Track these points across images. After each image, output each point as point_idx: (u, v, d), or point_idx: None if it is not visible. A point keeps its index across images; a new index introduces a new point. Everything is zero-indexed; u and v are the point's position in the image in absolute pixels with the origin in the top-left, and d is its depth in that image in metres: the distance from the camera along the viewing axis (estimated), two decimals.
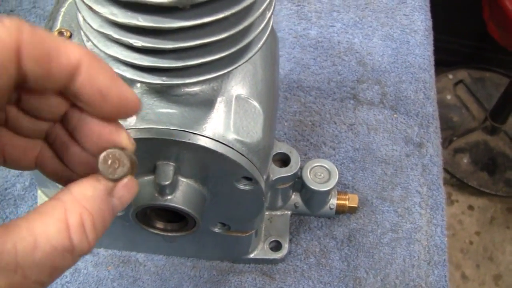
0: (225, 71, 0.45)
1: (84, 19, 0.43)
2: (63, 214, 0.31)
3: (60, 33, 0.53)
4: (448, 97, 2.21)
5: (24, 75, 0.30)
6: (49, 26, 0.57)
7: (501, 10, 1.57)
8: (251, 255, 0.72)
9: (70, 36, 0.53)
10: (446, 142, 2.07)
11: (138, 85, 0.49)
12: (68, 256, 0.30)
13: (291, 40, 0.94)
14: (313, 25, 0.95)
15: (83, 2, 0.41)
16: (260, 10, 0.44)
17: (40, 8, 0.95)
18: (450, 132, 2.11)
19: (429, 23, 0.98)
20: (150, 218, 0.56)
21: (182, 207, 0.51)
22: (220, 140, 0.48)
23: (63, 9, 0.55)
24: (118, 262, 0.72)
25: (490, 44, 1.86)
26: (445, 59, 2.14)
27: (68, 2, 0.56)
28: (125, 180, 0.34)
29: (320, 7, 0.98)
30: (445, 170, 2.03)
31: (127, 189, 0.35)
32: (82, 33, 0.46)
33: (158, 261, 0.73)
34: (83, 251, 0.31)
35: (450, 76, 2.25)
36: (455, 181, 2.06)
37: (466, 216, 2.04)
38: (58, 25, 0.54)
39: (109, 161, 0.34)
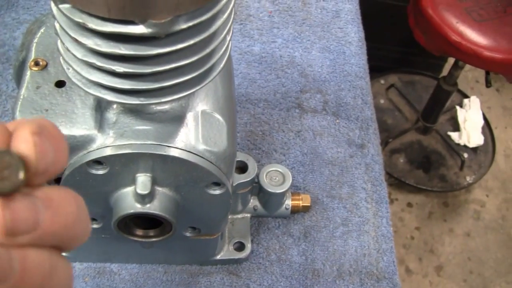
0: (195, 89, 0.51)
1: (67, 49, 0.48)
2: None
3: (36, 62, 0.58)
4: (382, 101, 2.30)
5: None
6: (22, 56, 0.61)
7: (425, 18, 1.67)
8: (218, 257, 0.77)
9: (46, 65, 0.58)
10: (383, 144, 2.14)
11: (115, 106, 0.54)
12: None
13: (237, 57, 1.00)
14: (256, 42, 1.02)
15: (68, 34, 0.46)
16: (222, 35, 0.50)
17: None
18: (385, 134, 2.18)
19: (362, 34, 1.06)
20: (130, 227, 0.61)
21: (160, 213, 0.57)
22: (192, 151, 0.54)
23: (35, 40, 0.60)
24: (94, 273, 0.76)
25: (417, 49, 1.94)
26: (376, 65, 2.22)
27: (40, 33, 0.60)
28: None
29: (261, 24, 1.05)
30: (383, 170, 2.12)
31: None
32: (63, 62, 0.51)
33: (132, 269, 0.77)
34: None
35: (382, 81, 2.34)
36: (394, 181, 2.13)
37: (406, 213, 2.12)
38: (32, 56, 0.59)
39: None
